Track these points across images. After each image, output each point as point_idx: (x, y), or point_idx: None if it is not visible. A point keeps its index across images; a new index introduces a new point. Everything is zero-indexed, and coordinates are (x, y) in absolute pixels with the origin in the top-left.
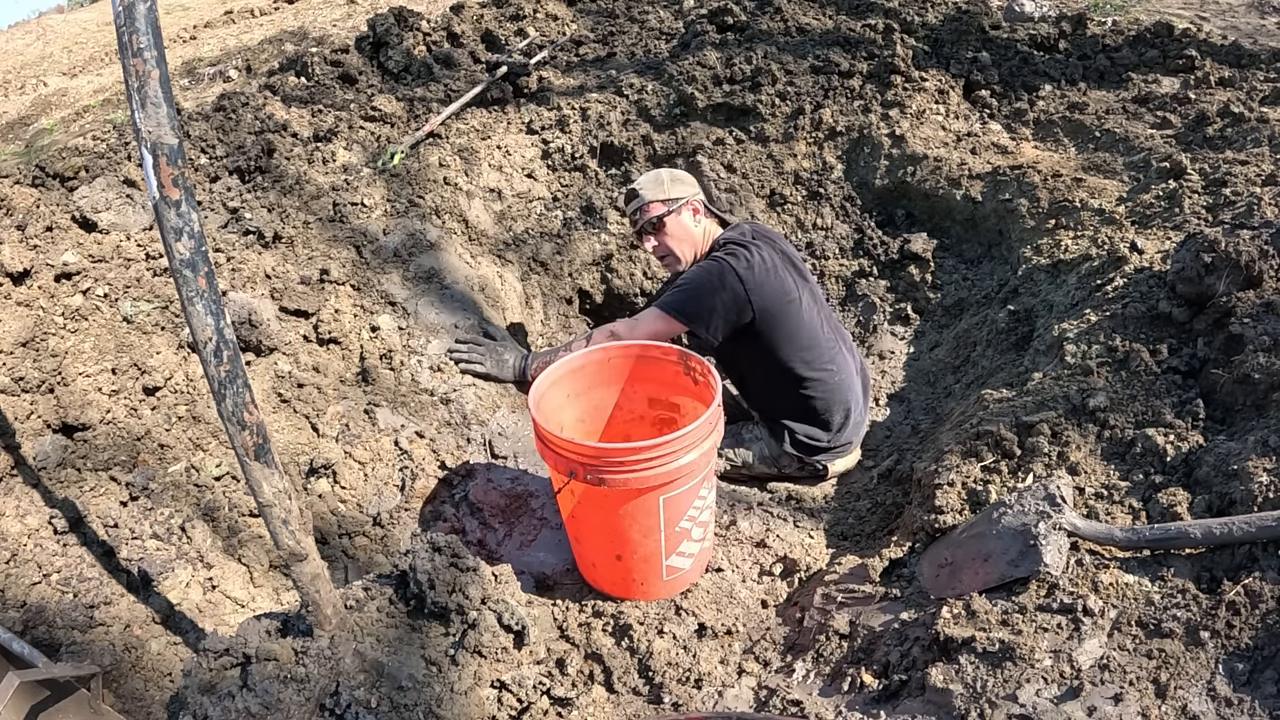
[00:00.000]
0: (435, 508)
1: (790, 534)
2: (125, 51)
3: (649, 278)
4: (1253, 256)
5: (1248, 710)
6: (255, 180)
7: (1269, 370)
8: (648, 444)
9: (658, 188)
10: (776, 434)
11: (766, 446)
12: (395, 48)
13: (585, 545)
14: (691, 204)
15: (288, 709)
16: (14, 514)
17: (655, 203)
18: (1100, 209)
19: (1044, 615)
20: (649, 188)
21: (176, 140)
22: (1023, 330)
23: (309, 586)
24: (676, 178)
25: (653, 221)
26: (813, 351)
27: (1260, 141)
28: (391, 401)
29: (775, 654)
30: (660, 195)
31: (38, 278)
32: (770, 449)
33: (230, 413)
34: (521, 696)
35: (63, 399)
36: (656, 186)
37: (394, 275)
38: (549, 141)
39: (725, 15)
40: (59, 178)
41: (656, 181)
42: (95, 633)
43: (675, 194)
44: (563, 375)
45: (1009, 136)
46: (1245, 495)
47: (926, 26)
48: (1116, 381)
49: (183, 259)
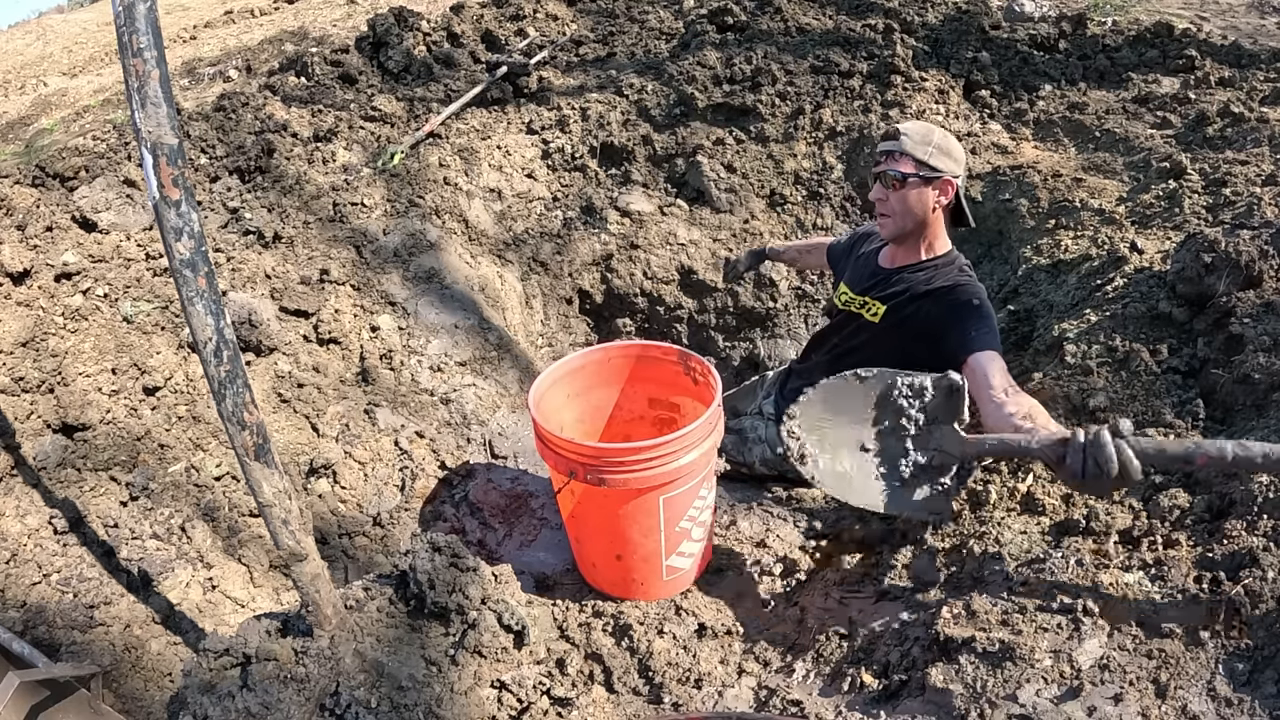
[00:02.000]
0: (435, 508)
1: (790, 534)
2: (125, 51)
3: (649, 278)
4: (1253, 256)
5: (1248, 710)
6: (255, 180)
7: (1269, 370)
8: (648, 444)
9: (923, 145)
10: None
11: (771, 448)
12: (395, 48)
13: (585, 545)
14: (949, 184)
15: (288, 709)
16: (14, 514)
17: (909, 159)
18: (1100, 209)
19: (1044, 615)
20: (915, 138)
21: (176, 140)
22: (1023, 330)
23: (309, 586)
24: (947, 148)
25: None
26: None
27: (1260, 141)
28: (391, 401)
29: (775, 654)
30: (921, 154)
31: (38, 278)
32: (777, 450)
33: (230, 413)
34: (521, 696)
35: (63, 399)
36: (923, 144)
37: (394, 275)
38: (549, 141)
39: (725, 15)
40: (59, 178)
41: (925, 138)
42: (95, 633)
43: (936, 164)
44: (563, 375)
45: (1009, 136)
46: (1245, 495)
47: (926, 26)
48: (1116, 381)
49: (183, 259)
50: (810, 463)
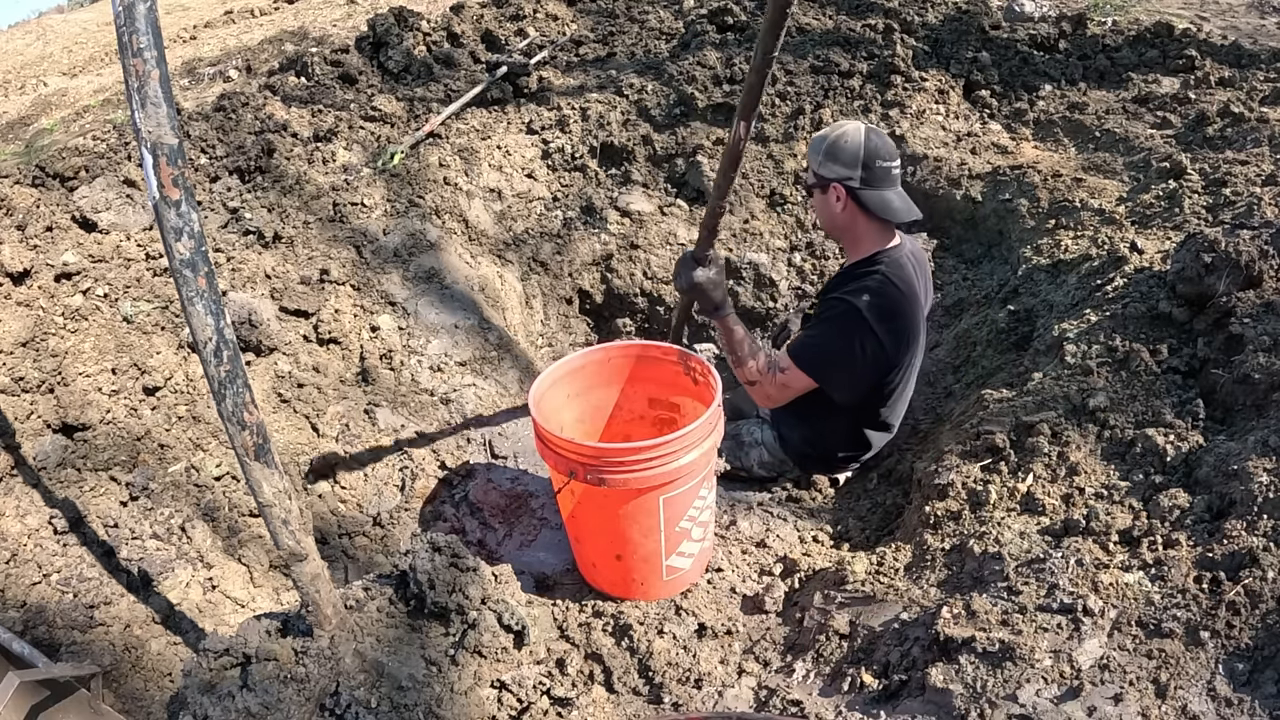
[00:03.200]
0: (435, 508)
1: (790, 534)
2: (125, 51)
3: (649, 278)
4: (1253, 256)
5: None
6: (255, 180)
7: (1269, 370)
8: (648, 444)
9: (815, 154)
10: (786, 442)
11: (768, 450)
12: (395, 48)
13: (585, 545)
14: (836, 188)
15: (288, 709)
16: (14, 514)
17: (810, 170)
18: (1100, 209)
19: (1044, 615)
20: (813, 147)
21: (176, 140)
22: (1023, 330)
23: (309, 586)
24: (835, 152)
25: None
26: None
27: (1260, 141)
28: (391, 401)
29: (775, 654)
30: (814, 164)
31: (38, 278)
32: (773, 452)
33: (230, 413)
34: (521, 696)
35: (63, 399)
36: (815, 152)
37: (394, 275)
38: (549, 141)
39: (725, 15)
40: (59, 178)
41: (818, 146)
42: (95, 633)
43: (824, 172)
44: (563, 375)
45: (1009, 136)
46: (1245, 495)
47: (926, 26)
48: (1116, 381)
49: (183, 259)
50: None
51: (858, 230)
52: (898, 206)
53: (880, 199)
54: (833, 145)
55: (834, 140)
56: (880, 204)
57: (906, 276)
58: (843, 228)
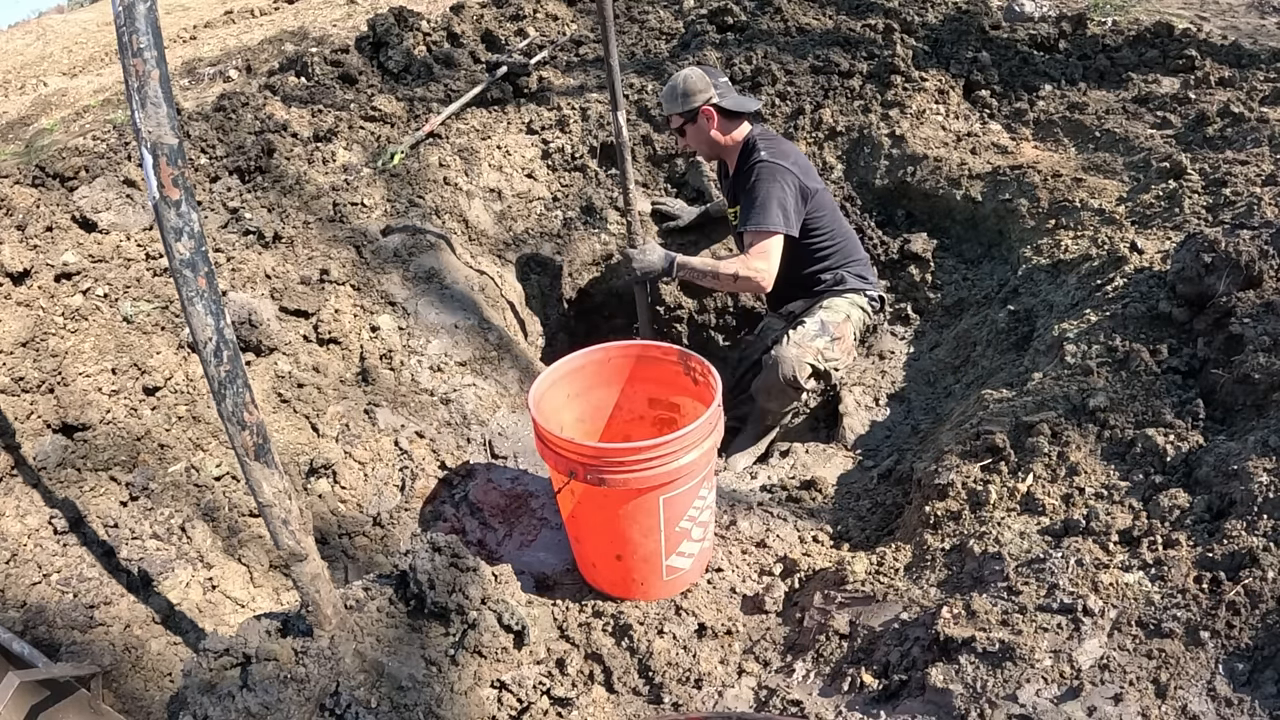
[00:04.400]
0: (435, 508)
1: (790, 534)
2: (125, 51)
3: None
4: (1253, 256)
5: (1248, 710)
6: (255, 180)
7: (1269, 370)
8: (648, 444)
9: (672, 101)
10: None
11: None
12: (395, 48)
13: (585, 545)
14: (706, 111)
15: (288, 709)
16: (14, 514)
17: (676, 115)
18: (1100, 209)
19: (1044, 615)
20: (667, 99)
21: (176, 140)
22: (1023, 330)
23: (309, 586)
24: (689, 90)
25: (677, 128)
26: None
27: (1260, 141)
28: (391, 401)
29: (775, 654)
30: (679, 108)
31: (38, 278)
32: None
33: (230, 413)
34: (521, 696)
35: (63, 399)
36: (672, 99)
37: (394, 275)
38: (549, 141)
39: (725, 15)
40: (59, 178)
41: (673, 94)
42: (95, 633)
43: (688, 106)
44: (563, 375)
45: (1009, 136)
46: (1245, 495)
47: (926, 26)
48: (1116, 381)
49: (183, 259)
50: None
51: (729, 136)
52: (745, 99)
53: (735, 99)
54: (684, 84)
55: (681, 82)
56: (737, 102)
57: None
58: (718, 141)
